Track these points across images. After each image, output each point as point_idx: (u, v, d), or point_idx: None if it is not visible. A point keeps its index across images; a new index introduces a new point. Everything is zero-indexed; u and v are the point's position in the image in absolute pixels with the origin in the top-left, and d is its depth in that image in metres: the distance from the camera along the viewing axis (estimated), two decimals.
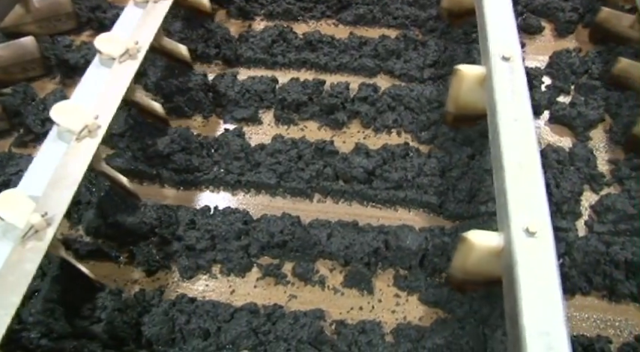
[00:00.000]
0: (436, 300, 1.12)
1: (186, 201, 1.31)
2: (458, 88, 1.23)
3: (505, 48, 1.17)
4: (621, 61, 1.43)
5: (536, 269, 0.87)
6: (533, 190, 0.96)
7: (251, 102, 1.47)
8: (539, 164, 0.99)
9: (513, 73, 1.13)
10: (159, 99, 1.47)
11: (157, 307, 1.12)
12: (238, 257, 1.19)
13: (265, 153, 1.34)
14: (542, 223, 0.91)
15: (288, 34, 1.61)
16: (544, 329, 0.80)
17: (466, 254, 0.99)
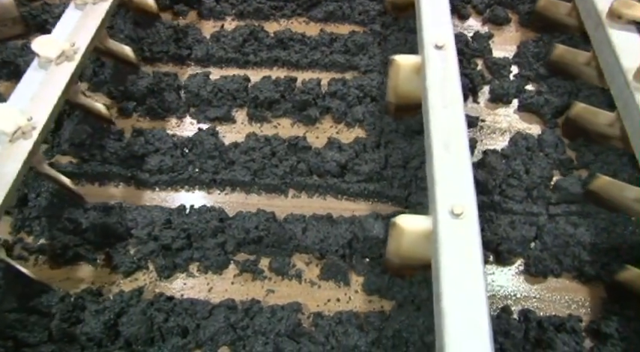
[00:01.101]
0: (378, 288, 1.14)
1: (162, 201, 1.32)
2: (395, 78, 1.25)
3: (438, 37, 1.20)
4: (558, 48, 1.46)
5: (459, 250, 0.89)
6: (460, 174, 0.99)
7: (224, 101, 1.48)
8: (466, 149, 1.02)
9: (446, 61, 1.16)
10: (128, 102, 1.47)
11: (135, 307, 1.12)
12: (215, 254, 1.20)
13: (239, 151, 1.36)
14: (467, 205, 0.94)
15: (259, 33, 1.62)
16: (464, 309, 0.82)
17: (397, 239, 1.01)
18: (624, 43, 1.24)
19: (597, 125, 1.31)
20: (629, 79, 1.17)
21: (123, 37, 1.59)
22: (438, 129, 1.05)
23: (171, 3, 1.71)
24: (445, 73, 1.14)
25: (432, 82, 1.13)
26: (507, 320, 1.11)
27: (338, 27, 1.67)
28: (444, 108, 1.08)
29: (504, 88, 1.48)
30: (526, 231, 1.21)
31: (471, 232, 0.91)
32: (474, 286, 0.86)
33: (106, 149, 1.35)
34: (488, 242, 1.22)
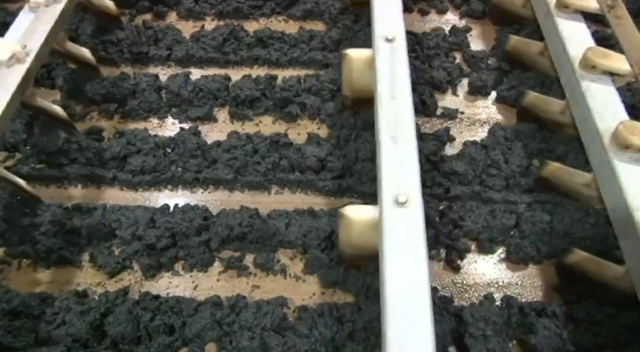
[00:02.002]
0: (335, 280, 1.16)
1: (145, 201, 1.32)
2: (349, 72, 1.26)
3: (389, 30, 1.22)
4: (511, 39, 1.49)
5: (403, 238, 0.90)
6: (406, 163, 1.00)
7: (205, 100, 1.49)
8: (413, 140, 1.04)
9: (395, 53, 1.17)
10: (109, 104, 1.47)
11: (120, 306, 1.12)
12: (200, 252, 1.21)
13: (221, 150, 1.36)
14: (411, 194, 0.95)
15: (239, 33, 1.63)
16: (406, 296, 0.84)
17: (346, 229, 1.02)
18: (571, 32, 1.27)
19: (550, 113, 1.34)
20: (576, 67, 1.20)
21: (100, 41, 1.59)
22: (386, 120, 1.07)
23: (150, 4, 1.71)
24: (394, 66, 1.16)
25: (381, 74, 1.15)
26: (490, 307, 1.13)
27: (317, 24, 1.68)
28: (392, 99, 1.10)
29: (482, 80, 1.50)
30: (506, 220, 1.24)
31: (414, 220, 0.93)
32: (416, 273, 0.87)
33: (88, 151, 1.35)
34: (469, 231, 1.23)
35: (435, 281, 1.20)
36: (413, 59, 1.56)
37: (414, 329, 0.81)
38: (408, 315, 0.82)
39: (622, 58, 1.19)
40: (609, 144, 1.07)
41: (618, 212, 1.03)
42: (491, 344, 1.07)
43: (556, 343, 1.06)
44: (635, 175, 1.02)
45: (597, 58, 1.17)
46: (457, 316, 1.12)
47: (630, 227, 0.97)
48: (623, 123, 1.06)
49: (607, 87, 1.17)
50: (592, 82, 1.17)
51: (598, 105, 1.13)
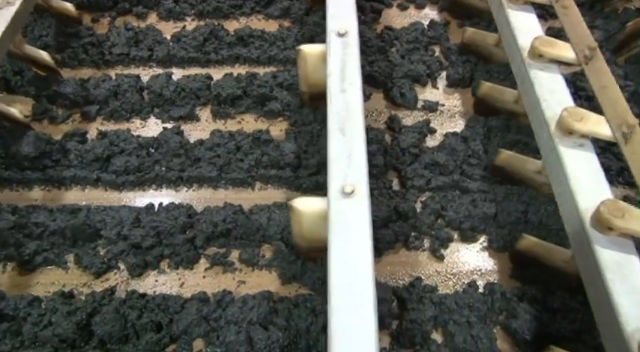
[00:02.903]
0: (293, 274, 1.18)
1: (130, 201, 1.32)
2: (304, 67, 1.27)
3: (341, 24, 1.23)
4: (467, 31, 1.52)
5: (349, 228, 0.91)
6: (354, 155, 1.01)
7: (187, 100, 1.49)
8: (361, 131, 1.05)
9: (347, 47, 1.19)
10: (91, 106, 1.47)
11: (107, 306, 1.13)
12: (185, 250, 1.22)
13: (204, 148, 1.37)
14: (358, 184, 0.96)
15: (219, 32, 1.63)
16: (350, 284, 0.84)
17: (297, 221, 1.03)
18: (521, 23, 1.30)
19: (504, 102, 1.37)
20: (524, 56, 1.22)
21: (82, 43, 1.59)
22: (335, 113, 1.08)
23: (129, 6, 1.71)
24: (346, 59, 1.17)
25: (332, 68, 1.16)
26: (473, 294, 1.15)
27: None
28: (342, 92, 1.11)
29: (460, 73, 1.52)
30: (487, 208, 1.26)
31: (360, 210, 0.94)
32: (361, 262, 0.88)
33: (71, 153, 1.35)
34: (451, 221, 1.25)
35: (419, 271, 1.21)
36: (393, 53, 1.58)
37: (358, 317, 0.81)
38: (351, 303, 0.83)
39: (568, 46, 1.22)
40: (555, 131, 1.09)
41: (563, 196, 1.05)
42: (475, 330, 1.09)
43: (536, 327, 1.08)
44: (579, 160, 1.05)
45: (544, 47, 1.20)
46: (441, 304, 1.14)
47: (573, 211, 0.99)
48: (567, 109, 1.08)
49: (554, 75, 1.19)
50: (540, 70, 1.20)
51: (545, 93, 1.15)
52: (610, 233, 0.93)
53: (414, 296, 1.15)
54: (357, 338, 0.79)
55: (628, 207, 0.94)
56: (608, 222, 0.92)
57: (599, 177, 1.02)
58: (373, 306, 0.82)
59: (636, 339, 0.81)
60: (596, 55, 1.20)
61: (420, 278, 1.19)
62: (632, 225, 0.92)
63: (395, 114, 1.46)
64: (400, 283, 1.19)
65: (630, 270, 0.90)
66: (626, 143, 1.05)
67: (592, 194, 0.98)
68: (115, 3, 1.71)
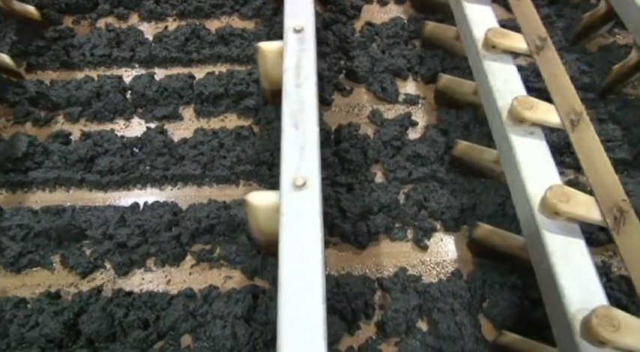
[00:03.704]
0: (255, 269, 1.19)
1: (115, 200, 1.33)
2: (264, 65, 1.28)
3: (298, 21, 1.25)
4: (428, 24, 1.54)
5: (300, 219, 0.93)
6: (307, 148, 1.02)
7: (170, 99, 1.50)
8: (314, 126, 1.06)
9: (303, 43, 1.20)
10: (73, 107, 1.47)
11: (94, 305, 1.13)
12: (171, 247, 1.22)
13: (188, 146, 1.38)
14: (309, 177, 0.98)
15: (201, 31, 1.64)
16: (299, 275, 0.85)
17: (253, 216, 1.04)
18: (476, 15, 1.33)
19: (463, 94, 1.39)
20: (479, 48, 1.25)
21: (64, 45, 1.59)
22: (289, 108, 1.09)
23: (110, 7, 1.71)
24: (301, 55, 1.18)
25: (288, 63, 1.17)
26: (456, 282, 1.17)
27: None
28: (297, 87, 1.12)
29: (431, 68, 1.54)
30: (467, 200, 1.27)
31: (311, 202, 0.95)
32: (310, 253, 0.88)
33: (54, 154, 1.36)
34: (433, 211, 1.27)
35: (403, 261, 1.23)
36: (373, 48, 1.60)
37: (306, 307, 0.82)
38: (300, 293, 0.83)
39: (520, 37, 1.24)
40: (506, 119, 1.11)
41: (515, 184, 1.07)
42: (459, 317, 1.11)
43: (517, 313, 1.10)
44: (529, 147, 1.07)
45: (496, 38, 1.22)
46: (426, 292, 1.15)
47: (524, 197, 1.01)
48: (517, 98, 1.10)
49: (507, 65, 1.22)
50: (493, 61, 1.22)
51: (498, 83, 1.18)
52: (557, 218, 0.96)
53: (398, 285, 1.17)
54: (306, 328, 0.79)
55: (574, 192, 0.96)
56: (554, 206, 0.94)
57: (548, 164, 1.05)
58: (322, 297, 0.83)
59: (578, 319, 0.83)
60: (547, 45, 1.23)
61: (404, 268, 1.21)
62: (578, 210, 0.95)
63: (377, 108, 1.48)
64: (385, 274, 1.21)
65: (575, 254, 0.92)
66: (573, 130, 1.08)
67: (541, 180, 1.00)
68: (95, 5, 1.71)
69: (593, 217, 0.96)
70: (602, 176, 1.01)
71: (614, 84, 1.45)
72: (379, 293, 1.17)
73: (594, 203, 0.97)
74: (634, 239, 0.92)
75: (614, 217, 0.94)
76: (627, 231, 0.93)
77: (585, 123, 1.09)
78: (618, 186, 0.99)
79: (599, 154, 1.04)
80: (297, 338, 0.78)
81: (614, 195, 0.97)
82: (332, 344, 1.09)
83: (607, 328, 0.79)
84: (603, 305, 0.83)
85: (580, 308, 0.85)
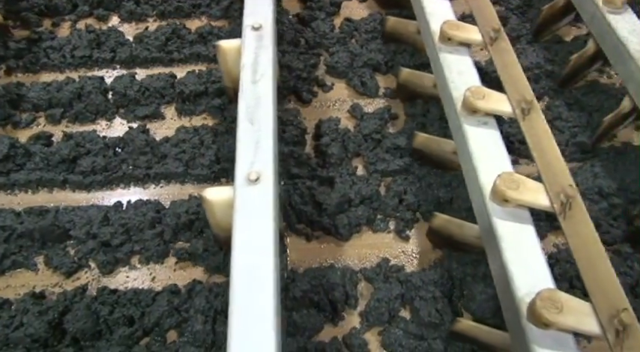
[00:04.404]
0: (217, 265, 1.20)
1: (98, 200, 1.33)
2: (225, 63, 1.29)
3: (256, 19, 1.26)
4: (389, 20, 1.56)
5: (253, 213, 0.94)
6: (262, 143, 1.03)
7: (152, 99, 1.50)
8: (270, 121, 1.07)
9: (261, 40, 1.22)
10: (55, 109, 1.48)
11: (79, 303, 1.14)
12: (155, 244, 1.23)
13: (170, 145, 1.39)
14: (263, 172, 0.99)
15: (181, 31, 1.65)
16: (251, 268, 0.86)
17: (210, 211, 1.05)
18: (433, 8, 1.35)
19: (424, 87, 1.40)
20: (436, 40, 1.26)
21: (44, 47, 1.59)
22: (245, 104, 1.10)
23: (90, 9, 1.71)
24: (259, 52, 1.19)
25: (245, 60, 1.18)
26: (437, 270, 1.19)
27: None
28: (253, 83, 1.13)
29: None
30: (444, 193, 1.29)
31: (265, 196, 0.96)
32: (263, 245, 0.89)
33: (36, 155, 1.36)
34: (410, 204, 1.29)
35: (385, 252, 1.24)
36: (353, 44, 1.62)
37: (258, 300, 0.83)
38: (252, 286, 0.84)
39: (475, 29, 1.26)
40: (460, 110, 1.13)
41: (469, 173, 1.09)
42: (440, 305, 1.13)
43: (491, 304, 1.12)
44: (481, 137, 1.09)
45: (452, 31, 1.24)
46: (408, 282, 1.17)
47: (476, 186, 1.03)
48: (469, 89, 1.12)
49: (463, 57, 1.24)
50: (449, 53, 1.24)
51: (453, 75, 1.20)
52: (506, 205, 0.98)
53: (380, 276, 1.18)
54: (256, 319, 0.80)
55: (523, 179, 0.98)
56: (503, 194, 0.96)
57: (500, 153, 1.07)
58: (274, 290, 0.84)
59: (526, 303, 0.85)
60: (501, 36, 1.25)
61: (386, 258, 1.23)
62: (526, 197, 0.97)
63: (357, 102, 1.50)
64: (367, 265, 1.22)
65: (524, 240, 0.94)
66: (524, 119, 1.10)
67: (492, 169, 1.02)
68: (74, 6, 1.72)
69: (541, 203, 0.97)
70: (551, 163, 1.02)
71: (573, 74, 1.47)
72: (362, 284, 1.19)
73: (542, 189, 0.99)
74: (579, 223, 0.94)
75: (561, 202, 0.96)
76: (573, 216, 0.95)
77: (536, 111, 1.11)
78: (566, 172, 1.01)
79: (548, 142, 1.06)
80: (247, 330, 0.79)
81: (561, 181, 0.99)
82: (311, 335, 1.11)
83: (550, 310, 0.81)
84: (548, 288, 0.85)
85: (528, 292, 0.86)
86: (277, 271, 0.87)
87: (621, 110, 1.29)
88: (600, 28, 1.33)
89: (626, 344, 0.79)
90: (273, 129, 1.06)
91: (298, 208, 1.26)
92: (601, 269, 0.88)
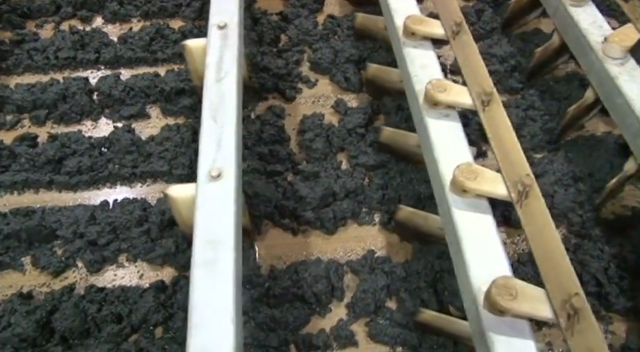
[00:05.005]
0: (183, 265, 1.20)
1: (84, 200, 1.34)
2: (193, 62, 1.30)
3: (221, 18, 1.27)
4: (358, 16, 1.58)
5: (213, 209, 0.95)
6: (224, 141, 1.04)
7: (137, 99, 1.51)
8: (233, 119, 1.08)
9: (226, 39, 1.23)
10: (39, 110, 1.48)
11: (67, 302, 1.14)
12: (142, 242, 1.24)
13: (154, 143, 1.39)
14: (225, 167, 1.00)
15: (165, 31, 1.66)
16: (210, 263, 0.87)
17: (175, 209, 1.05)
18: (397, 3, 1.36)
19: (392, 82, 1.41)
20: (400, 35, 1.28)
21: (27, 49, 1.59)
22: (209, 102, 1.11)
23: (73, 10, 1.72)
24: (223, 51, 1.20)
25: (210, 59, 1.19)
26: (420, 261, 1.20)
27: None
28: (217, 82, 1.14)
29: None
30: (424, 188, 1.30)
31: (226, 191, 0.97)
32: (224, 239, 0.90)
33: (22, 157, 1.36)
34: (390, 199, 1.30)
35: (371, 244, 1.26)
36: (335, 40, 1.63)
37: (217, 295, 0.84)
38: (212, 281, 0.85)
39: (438, 23, 1.28)
40: (423, 103, 1.14)
41: (430, 166, 1.10)
42: (425, 295, 1.14)
43: None
44: (443, 129, 1.10)
45: (415, 25, 1.25)
46: (393, 273, 1.18)
47: (437, 177, 1.04)
48: (431, 82, 1.13)
49: (426, 51, 1.25)
50: (413, 48, 1.25)
51: (416, 69, 1.21)
52: (465, 195, 0.98)
53: (366, 267, 1.20)
54: (215, 314, 0.82)
55: (481, 170, 0.99)
56: (462, 184, 0.97)
57: (461, 145, 1.08)
58: (234, 284, 0.85)
59: (483, 291, 0.86)
60: (463, 29, 1.26)
61: (372, 250, 1.24)
62: (484, 187, 0.98)
63: (341, 97, 1.51)
64: (353, 257, 1.23)
65: (482, 229, 0.95)
66: (484, 110, 1.11)
67: (453, 160, 1.03)
68: (58, 8, 1.72)
69: (499, 192, 0.98)
70: (509, 153, 1.03)
71: (540, 67, 1.50)
72: (349, 276, 1.20)
73: (500, 179, 1.00)
74: (535, 212, 0.95)
75: (518, 191, 0.97)
76: (529, 204, 0.96)
77: (496, 103, 1.12)
78: (524, 161, 1.02)
79: (507, 132, 1.07)
80: (206, 325, 0.80)
81: (519, 171, 1.00)
82: (298, 328, 1.12)
83: (505, 297, 0.81)
84: (503, 276, 0.85)
85: (485, 280, 0.87)
86: (238, 265, 0.88)
87: (585, 101, 1.31)
88: (563, 21, 1.35)
89: (577, 328, 0.80)
90: (236, 127, 1.06)
91: (282, 203, 1.27)
92: (555, 256, 0.89)
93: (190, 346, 0.78)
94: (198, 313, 0.82)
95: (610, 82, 1.17)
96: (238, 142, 1.06)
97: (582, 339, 0.79)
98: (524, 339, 0.82)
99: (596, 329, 0.80)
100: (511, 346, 0.81)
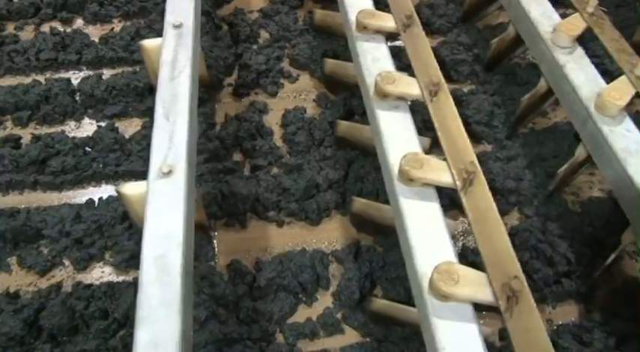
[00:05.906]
0: None
1: (70, 199, 1.34)
2: (150, 62, 1.30)
3: (177, 17, 1.28)
4: (317, 12, 1.59)
5: (164, 205, 0.95)
6: (176, 138, 1.05)
7: (119, 98, 1.52)
8: (185, 117, 1.08)
9: (181, 38, 1.24)
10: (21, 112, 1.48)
11: (54, 300, 1.15)
12: (126, 239, 1.24)
13: (135, 142, 1.40)
14: (176, 164, 1.00)
15: (145, 30, 1.66)
16: (160, 254, 0.88)
17: (128, 206, 1.05)
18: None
19: (349, 77, 1.42)
20: (353, 29, 1.29)
21: (7, 51, 1.59)
22: (161, 100, 1.12)
23: (53, 12, 1.72)
24: (178, 50, 1.21)
25: (165, 58, 1.20)
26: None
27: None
28: (171, 80, 1.15)
29: None
30: None
31: (176, 187, 0.97)
32: (172, 234, 0.91)
33: (5, 158, 1.36)
34: (368, 194, 1.32)
35: (355, 234, 1.28)
36: (312, 36, 1.65)
37: (165, 289, 0.84)
38: (159, 276, 0.86)
39: (389, 16, 1.29)
40: (373, 95, 1.15)
41: (381, 157, 1.11)
42: (407, 283, 1.16)
43: None
44: (392, 121, 1.11)
45: (366, 19, 1.26)
46: (375, 261, 1.20)
47: (387, 168, 1.05)
48: (380, 74, 1.14)
49: (378, 44, 1.25)
50: (365, 41, 1.26)
51: (368, 62, 1.21)
52: (412, 184, 0.99)
53: (350, 257, 1.21)
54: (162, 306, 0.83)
55: (427, 158, 1.00)
56: (408, 173, 0.98)
57: (410, 136, 1.08)
58: (182, 278, 0.85)
59: (427, 277, 0.86)
60: (414, 22, 1.27)
61: (356, 240, 1.26)
62: (430, 175, 0.98)
63: (323, 91, 1.53)
64: (338, 247, 1.25)
65: (428, 217, 0.96)
66: (432, 100, 1.12)
67: (401, 151, 1.03)
68: (37, 9, 1.72)
69: (445, 180, 0.99)
70: (455, 141, 1.04)
71: (497, 57, 1.52)
72: (334, 266, 1.22)
73: (446, 167, 1.01)
74: (479, 198, 0.96)
75: (463, 179, 0.98)
76: (473, 191, 0.97)
77: (444, 93, 1.12)
78: (469, 148, 1.03)
79: (453, 120, 1.08)
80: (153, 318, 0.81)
81: (464, 158, 1.01)
82: (285, 317, 1.14)
83: (447, 282, 0.83)
84: (445, 261, 0.86)
85: (430, 267, 0.87)
86: (187, 261, 0.89)
87: (538, 91, 1.34)
88: (516, 12, 1.37)
89: (515, 309, 0.81)
90: (188, 124, 1.07)
91: (266, 196, 1.28)
92: (497, 240, 0.90)
93: (138, 339, 0.79)
94: (146, 306, 0.83)
95: (559, 70, 1.19)
96: (191, 139, 1.06)
97: (521, 321, 0.80)
98: (468, 323, 0.83)
99: (535, 310, 0.81)
100: (454, 330, 0.82)
